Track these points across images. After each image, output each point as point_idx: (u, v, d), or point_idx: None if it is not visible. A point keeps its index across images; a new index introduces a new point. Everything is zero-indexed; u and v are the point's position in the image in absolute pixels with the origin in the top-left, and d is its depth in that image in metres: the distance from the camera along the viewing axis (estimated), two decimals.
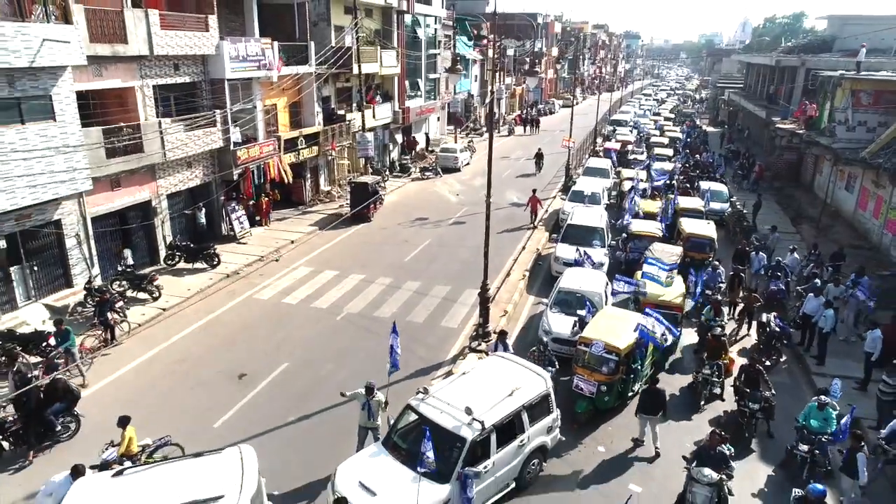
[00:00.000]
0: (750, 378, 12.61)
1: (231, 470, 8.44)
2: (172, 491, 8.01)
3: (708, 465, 9.61)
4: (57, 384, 11.53)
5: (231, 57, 21.29)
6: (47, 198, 15.35)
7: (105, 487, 8.26)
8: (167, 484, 8.20)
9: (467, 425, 9.46)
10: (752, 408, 12.10)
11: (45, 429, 11.35)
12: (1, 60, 13.43)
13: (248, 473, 8.37)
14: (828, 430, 11.07)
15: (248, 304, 17.95)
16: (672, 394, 13.53)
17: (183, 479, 8.27)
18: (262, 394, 13.29)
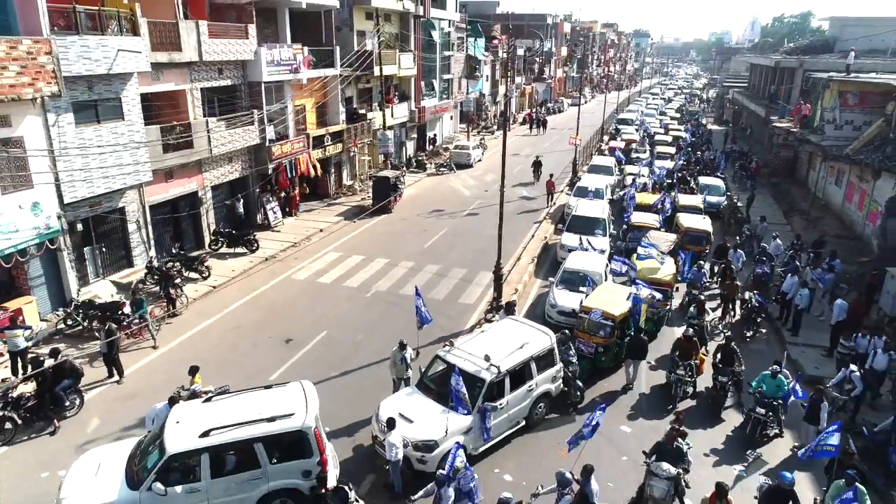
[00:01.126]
0: (726, 356, 13.98)
1: (296, 396, 10.62)
2: (253, 410, 10.19)
3: (666, 459, 10.08)
4: (65, 364, 12.84)
5: (267, 62, 23.49)
6: (116, 187, 17.60)
7: (200, 409, 10.46)
8: (248, 405, 10.38)
9: (486, 370, 11.59)
10: (722, 381, 13.55)
11: (55, 404, 12.55)
12: (85, 69, 15.67)
13: (310, 399, 10.54)
14: (779, 395, 12.60)
15: (287, 283, 20.17)
16: (643, 393, 14.33)
17: (260, 403, 10.45)
18: (306, 355, 15.46)
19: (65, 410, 12.73)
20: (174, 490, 9.48)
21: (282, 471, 9.99)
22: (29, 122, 14.89)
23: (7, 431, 11.92)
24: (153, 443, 10.07)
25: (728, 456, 12.17)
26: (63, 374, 12.72)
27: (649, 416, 13.50)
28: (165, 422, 10.20)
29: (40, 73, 14.22)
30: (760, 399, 12.65)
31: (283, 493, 10.13)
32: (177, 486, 9.53)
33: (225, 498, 9.77)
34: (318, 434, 10.22)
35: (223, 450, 9.81)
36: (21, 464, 11.32)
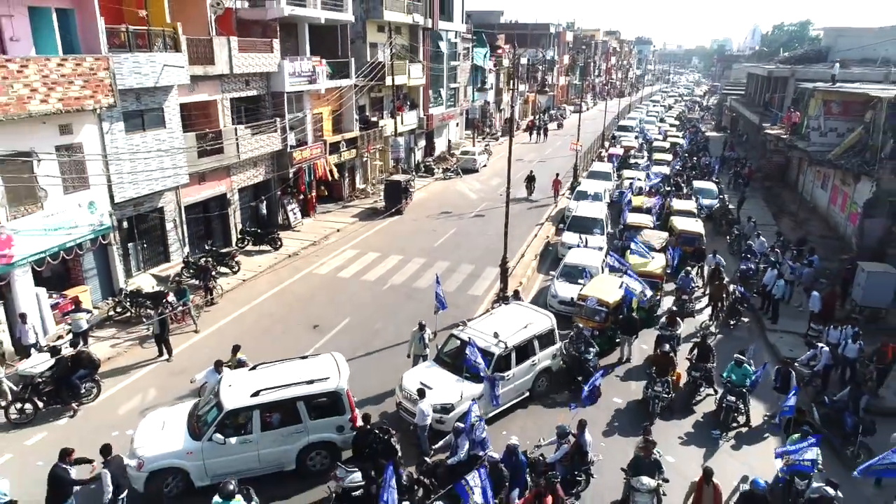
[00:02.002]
0: (701, 352, 14.97)
1: (330, 364, 12.42)
2: (294, 375, 11.97)
3: (644, 473, 10.40)
4: (81, 355, 13.80)
5: (289, 73, 25.33)
6: (158, 189, 19.43)
7: (248, 375, 12.24)
8: (289, 372, 12.17)
9: (495, 345, 13.35)
10: (695, 375, 14.64)
11: (72, 391, 13.51)
12: (136, 82, 17.53)
13: (341, 367, 12.33)
14: (745, 383, 13.76)
15: (310, 277, 21.96)
16: (619, 408, 14.42)
17: (299, 370, 12.24)
18: (333, 338, 17.21)
19: (81, 397, 13.71)
20: (230, 441, 11.21)
21: (319, 426, 11.75)
22: (87, 130, 16.74)
23: (28, 413, 13.16)
24: (210, 403, 11.84)
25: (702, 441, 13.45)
26: (80, 364, 13.71)
27: (626, 432, 13.41)
28: (219, 384, 11.97)
29: (99, 87, 16.06)
30: (731, 388, 13.78)
31: (319, 445, 11.85)
32: (232, 437, 11.25)
33: (272, 448, 11.50)
34: (349, 395, 12.00)
35: (271, 407, 11.55)
36: (94, 425, 13.07)
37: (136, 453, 11.00)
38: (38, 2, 15.16)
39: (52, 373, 13.48)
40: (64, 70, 15.12)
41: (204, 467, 11.19)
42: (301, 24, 27.30)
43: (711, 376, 14.78)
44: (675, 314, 16.73)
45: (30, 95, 14.39)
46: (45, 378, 13.43)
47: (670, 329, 16.20)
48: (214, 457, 11.16)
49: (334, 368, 12.25)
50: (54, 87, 14.90)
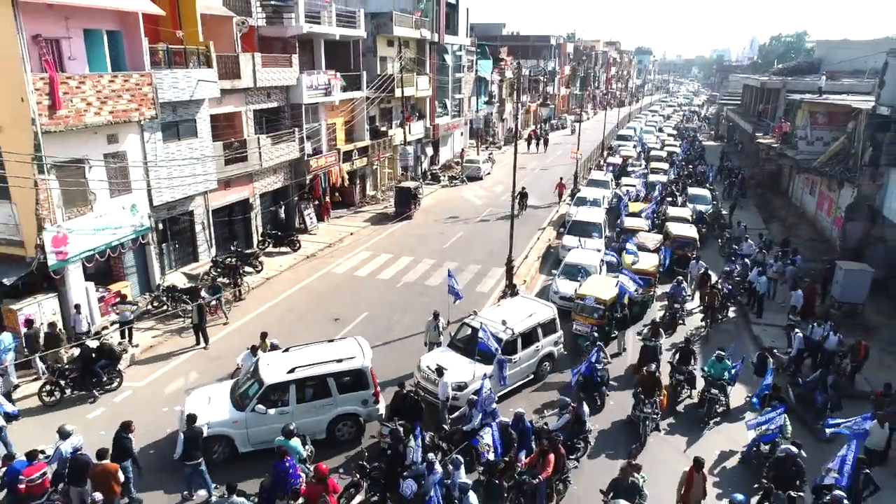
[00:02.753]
0: (683, 355, 15.55)
1: (354, 346, 14.02)
2: (323, 355, 13.55)
3: (623, 496, 10.31)
4: (103, 347, 14.91)
5: (307, 86, 27.04)
6: (190, 193, 21.08)
7: (282, 356, 13.81)
8: (318, 353, 13.74)
9: (503, 331, 14.92)
10: (679, 378, 15.30)
11: (95, 378, 14.73)
12: (174, 96, 19.23)
13: (364, 348, 13.92)
14: (724, 377, 14.81)
15: (328, 276, 23.56)
16: (603, 430, 14.19)
17: (327, 351, 13.82)
18: (352, 330, 18.74)
19: (103, 385, 14.87)
20: (270, 412, 12.74)
21: (347, 399, 13.32)
22: (131, 140, 18.41)
23: (54, 396, 14.55)
24: (249, 380, 13.40)
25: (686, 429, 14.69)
26: (102, 355, 14.86)
27: (613, 455, 13.34)
28: (258, 364, 13.55)
29: (143, 100, 17.75)
30: (713, 381, 14.82)
31: (346, 416, 13.41)
32: (271, 408, 12.80)
33: (305, 419, 12.95)
34: (372, 373, 13.59)
35: (304, 382, 13.10)
36: (147, 401, 14.65)
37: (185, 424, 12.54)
38: (91, 24, 16.85)
39: (77, 361, 14.79)
40: (114, 86, 16.81)
41: (247, 435, 12.72)
42: (317, 39, 29.05)
43: (693, 378, 15.40)
44: (657, 325, 16.86)
45: (85, 109, 16.07)
46: (71, 366, 14.78)
47: (654, 339, 16.41)
48: (256, 426, 12.68)
49: (359, 350, 13.85)
50: (106, 101, 16.58)
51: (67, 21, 16.05)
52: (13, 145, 14.85)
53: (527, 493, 11.09)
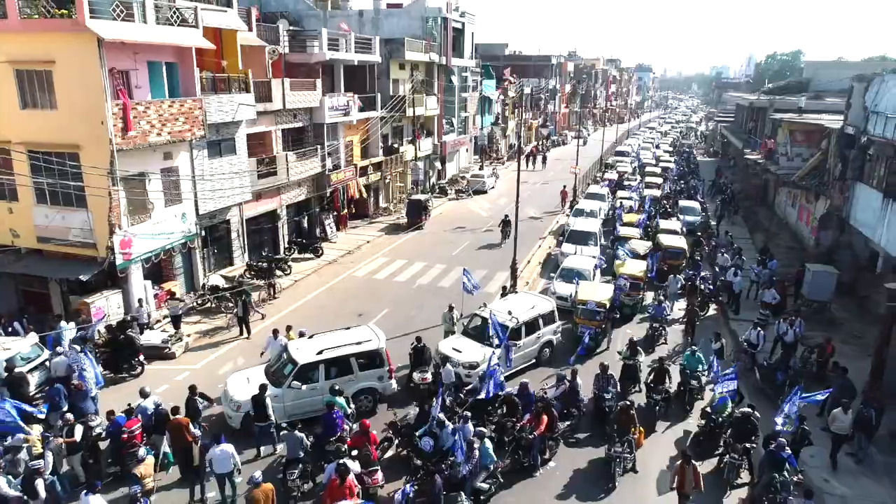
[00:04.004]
0: (658, 375, 16.10)
1: (368, 332, 16.55)
2: (345, 339, 16.01)
3: None
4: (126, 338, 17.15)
5: (329, 108, 29.75)
6: (229, 204, 23.69)
7: (309, 341, 16.21)
8: (339, 338, 16.18)
9: (509, 320, 17.40)
10: (656, 398, 15.83)
11: (118, 363, 17.11)
12: (219, 118, 21.90)
13: (378, 333, 16.44)
14: (699, 368, 16.61)
15: (350, 279, 26.09)
16: (578, 469, 14.07)
17: (346, 336, 16.27)
18: (375, 323, 21.20)
19: (124, 371, 17.16)
20: (303, 387, 15.02)
21: (366, 376, 15.74)
22: (182, 157, 21.05)
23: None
24: (282, 361, 15.72)
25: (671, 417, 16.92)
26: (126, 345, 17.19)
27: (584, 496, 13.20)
28: (288, 347, 15.91)
29: (195, 122, 20.41)
30: (690, 374, 16.56)
31: (366, 391, 15.78)
32: (304, 385, 15.12)
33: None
34: (387, 353, 16.04)
35: (331, 362, 15.44)
36: (203, 380, 17.04)
37: (234, 399, 14.83)
38: (153, 58, 19.55)
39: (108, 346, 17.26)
40: (172, 110, 19.49)
41: (283, 408, 14.89)
42: (337, 65, 31.80)
43: (669, 398, 16.08)
44: (635, 343, 17.28)
45: (149, 130, 18.73)
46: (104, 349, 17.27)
47: (633, 358, 16.98)
48: (291, 400, 14.94)
49: (373, 334, 16.39)
50: (166, 123, 19.25)
51: (136, 55, 18.76)
52: (91, 161, 17.47)
53: (524, 447, 13.54)
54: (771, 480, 12.09)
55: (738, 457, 13.43)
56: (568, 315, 20.86)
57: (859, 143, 24.19)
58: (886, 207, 21.04)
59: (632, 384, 16.85)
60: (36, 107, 17.94)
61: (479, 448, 12.29)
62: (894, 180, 21.04)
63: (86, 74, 17.03)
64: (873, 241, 22.37)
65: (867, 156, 23.71)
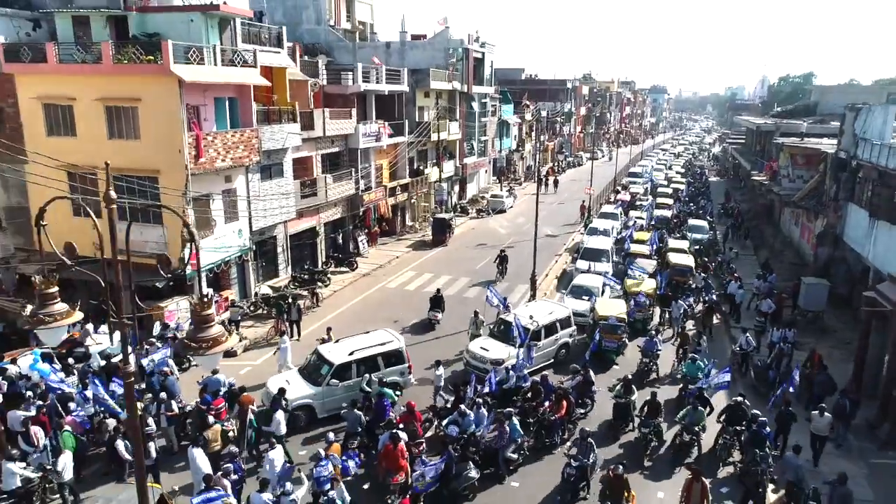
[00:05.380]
0: (652, 408, 15.99)
1: (386, 334, 18.87)
2: (369, 341, 18.34)
3: None
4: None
5: (363, 134, 32.58)
6: (276, 221, 26.41)
7: (338, 344, 18.48)
8: (363, 340, 18.47)
9: (530, 323, 19.78)
10: (644, 431, 15.73)
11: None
12: (271, 145, 24.71)
13: (396, 336, 18.82)
14: (698, 375, 17.75)
15: (383, 290, 28.64)
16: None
17: (369, 339, 18.58)
18: (409, 328, 23.69)
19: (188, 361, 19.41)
20: (340, 384, 17.19)
21: (390, 372, 17.91)
22: (239, 180, 23.84)
23: None
24: (315, 363, 17.93)
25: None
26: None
27: None
28: (320, 350, 18.18)
29: (252, 149, 23.22)
30: (691, 380, 17.76)
31: (390, 384, 17.54)
32: (341, 382, 17.31)
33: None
34: (406, 352, 18.45)
35: (361, 360, 17.65)
36: (264, 374, 19.59)
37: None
38: (219, 94, 22.44)
39: None
40: (234, 139, 22.32)
41: (323, 403, 17.08)
42: (369, 95, 34.71)
43: (661, 431, 15.97)
44: (629, 381, 17.14)
45: (216, 157, 21.54)
46: None
47: (626, 396, 16.80)
48: (329, 396, 17.06)
49: (393, 336, 18.85)
50: (229, 150, 22.07)
51: (205, 93, 21.64)
52: (168, 184, 20.25)
53: (546, 427, 15.86)
54: (754, 455, 14.28)
55: (730, 438, 15.63)
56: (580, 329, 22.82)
57: (850, 167, 26.44)
58: (872, 226, 23.20)
59: (623, 423, 16.84)
60: (122, 137, 20.86)
61: (509, 425, 14.62)
62: (878, 201, 23.23)
63: (167, 110, 19.94)
64: (864, 257, 24.50)
65: (857, 178, 25.92)
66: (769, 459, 14.14)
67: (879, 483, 15.07)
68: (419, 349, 21.30)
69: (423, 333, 23.26)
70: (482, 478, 14.30)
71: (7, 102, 21.90)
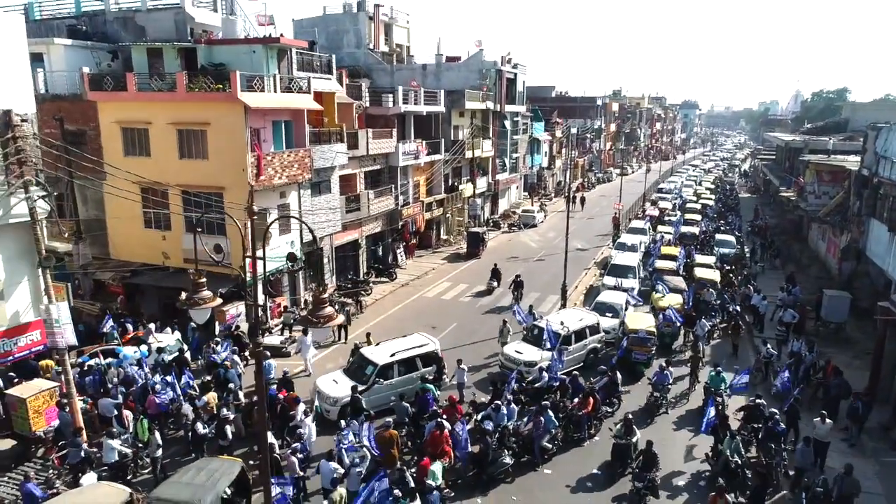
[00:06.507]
0: (646, 461, 15.21)
1: (422, 338, 20.60)
2: (406, 344, 20.07)
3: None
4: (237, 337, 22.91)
5: (402, 153, 34.61)
6: (325, 233, 28.46)
7: (378, 347, 20.27)
8: (402, 343, 20.21)
9: (561, 329, 21.31)
10: (637, 486, 14.68)
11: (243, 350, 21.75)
12: (321, 164, 26.82)
13: (431, 339, 20.50)
14: (722, 387, 18.57)
15: (421, 299, 30.44)
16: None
17: (407, 341, 20.35)
18: (447, 334, 25.37)
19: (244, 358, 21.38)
20: (384, 383, 18.99)
21: (427, 371, 19.68)
22: (292, 195, 25.97)
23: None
24: (358, 364, 19.68)
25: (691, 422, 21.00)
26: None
27: None
28: (363, 352, 19.94)
29: (304, 168, 25.34)
30: (715, 390, 18.60)
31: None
32: (384, 381, 19.10)
33: (404, 386, 19.11)
34: (441, 353, 20.12)
35: (401, 361, 19.41)
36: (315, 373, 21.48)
37: (330, 396, 18.47)
38: (276, 118, 24.65)
39: None
40: (290, 159, 24.47)
41: (369, 400, 18.55)
42: (408, 115, 36.80)
43: (656, 487, 15.08)
44: (630, 421, 16.31)
45: (274, 174, 23.68)
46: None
47: (626, 437, 16.02)
48: (374, 394, 18.72)
49: (429, 339, 20.60)
50: (285, 169, 24.21)
51: (265, 116, 23.86)
52: (233, 199, 22.41)
53: (575, 423, 17.36)
54: (769, 449, 15.59)
55: (748, 434, 16.92)
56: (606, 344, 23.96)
57: (872, 184, 27.44)
58: (892, 241, 24.20)
59: (622, 466, 16.11)
60: (191, 157, 23.16)
61: (545, 417, 16.19)
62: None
63: (233, 133, 22.17)
64: (885, 271, 25.44)
65: (878, 195, 26.91)
66: (783, 453, 15.43)
67: (889, 479, 16.21)
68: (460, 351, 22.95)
69: (462, 338, 24.93)
70: (519, 464, 15.95)
71: (89, 126, 24.43)
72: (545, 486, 15.75)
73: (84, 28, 27.86)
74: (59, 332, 15.52)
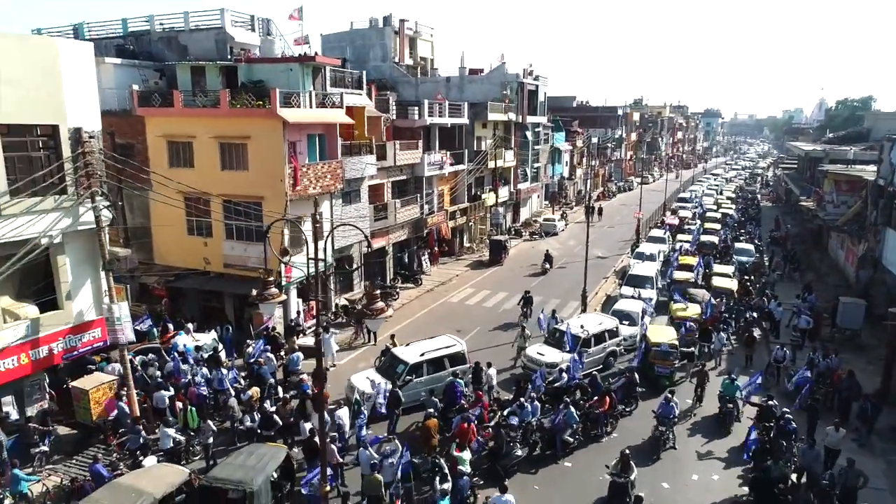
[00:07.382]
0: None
1: (449, 339, 21.77)
2: (434, 345, 21.27)
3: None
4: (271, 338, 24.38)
5: (428, 163, 35.94)
6: (353, 241, 29.83)
7: (407, 347, 21.47)
8: (430, 344, 21.39)
9: (581, 332, 22.34)
10: None
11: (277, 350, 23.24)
12: (352, 175, 28.23)
13: (459, 341, 21.63)
14: (734, 393, 19.27)
15: (445, 304, 31.63)
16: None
17: (435, 342, 21.52)
18: (471, 338, 26.50)
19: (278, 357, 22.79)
20: (415, 380, 20.22)
21: (457, 369, 20.81)
22: (325, 204, 27.36)
23: None
24: (389, 362, 20.89)
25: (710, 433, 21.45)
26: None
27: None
28: (394, 352, 21.20)
29: (336, 178, 26.74)
30: (729, 399, 19.26)
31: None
32: (414, 378, 20.31)
33: (432, 385, 20.15)
34: (467, 353, 21.24)
35: (430, 361, 20.59)
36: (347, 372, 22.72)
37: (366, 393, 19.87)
38: (311, 131, 26.10)
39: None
40: (323, 170, 25.90)
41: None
42: (434, 128, 38.14)
43: None
44: (628, 457, 15.30)
45: (308, 185, 25.10)
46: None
47: (624, 475, 15.02)
48: (406, 390, 19.89)
49: (455, 340, 21.80)
50: (319, 179, 25.63)
51: (301, 130, 25.33)
52: (270, 208, 23.86)
53: (593, 420, 18.37)
54: (781, 446, 16.47)
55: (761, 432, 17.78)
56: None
57: (888, 194, 28.07)
58: None
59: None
60: (232, 168, 24.68)
61: (566, 412, 17.26)
62: None
63: (272, 146, 23.66)
64: None
65: (894, 205, 27.53)
66: (794, 449, 16.31)
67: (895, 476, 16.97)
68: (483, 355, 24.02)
69: (485, 341, 26.05)
70: (542, 456, 17.09)
71: (137, 140, 26.11)
72: (565, 478, 16.80)
73: (131, 47, 29.68)
74: (119, 329, 17.01)
